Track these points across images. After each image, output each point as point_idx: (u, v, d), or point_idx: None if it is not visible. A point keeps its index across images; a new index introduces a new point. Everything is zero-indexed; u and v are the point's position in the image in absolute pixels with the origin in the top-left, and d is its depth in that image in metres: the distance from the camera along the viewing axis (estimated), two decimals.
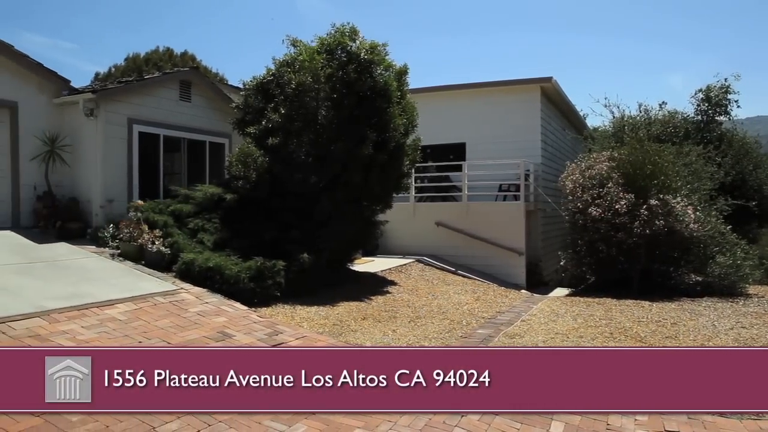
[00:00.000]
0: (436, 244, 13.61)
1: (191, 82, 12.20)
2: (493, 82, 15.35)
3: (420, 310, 8.64)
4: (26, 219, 10.01)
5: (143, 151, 11.06)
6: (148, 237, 8.71)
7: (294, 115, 9.16)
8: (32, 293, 6.48)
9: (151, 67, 24.88)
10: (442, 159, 15.16)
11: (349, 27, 9.80)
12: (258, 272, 7.93)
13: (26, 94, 10.13)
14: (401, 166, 10.31)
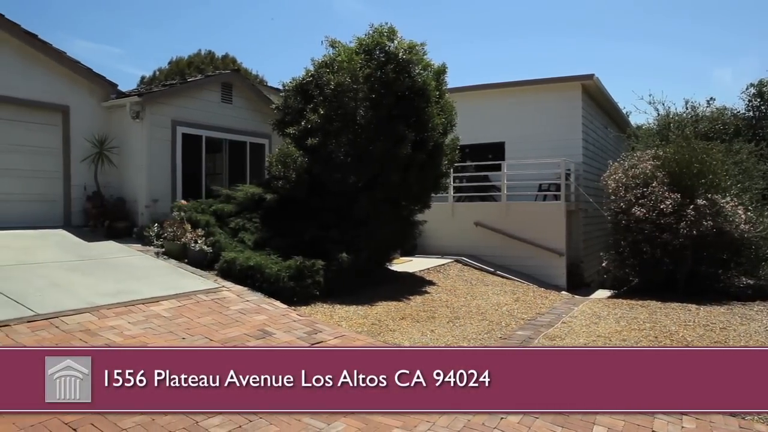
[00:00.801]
0: (475, 244, 13.50)
1: (232, 84, 12.44)
2: (533, 81, 15.13)
3: (458, 311, 8.59)
4: (77, 218, 10.40)
5: (186, 152, 11.34)
6: (191, 236, 8.92)
7: (333, 115, 9.24)
8: (83, 290, 6.73)
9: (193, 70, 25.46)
10: (480, 158, 15.02)
11: (387, 27, 9.82)
12: (297, 271, 8.03)
13: (77, 98, 10.52)
14: (440, 165, 10.27)
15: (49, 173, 10.20)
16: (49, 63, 10.08)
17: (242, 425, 3.99)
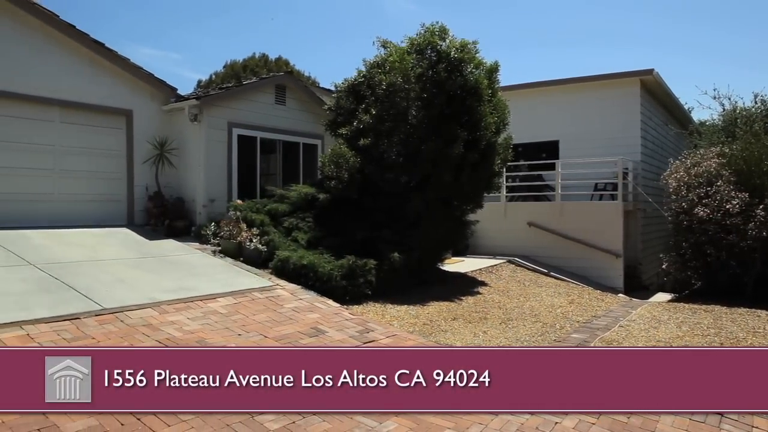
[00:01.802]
0: (528, 244, 13.26)
1: (286, 86, 12.66)
2: (589, 77, 14.73)
3: (511, 312, 8.46)
4: (139, 217, 10.83)
5: (241, 153, 11.63)
6: (246, 235, 9.14)
7: (385, 115, 9.27)
8: (145, 286, 7.00)
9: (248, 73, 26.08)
10: (534, 157, 14.75)
11: (439, 26, 9.78)
12: (350, 270, 8.10)
13: (140, 102, 10.96)
14: (492, 165, 10.14)
15: (114, 174, 10.68)
16: (115, 69, 10.54)
17: (296, 421, 4.04)
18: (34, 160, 9.64)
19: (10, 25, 9.26)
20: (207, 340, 5.51)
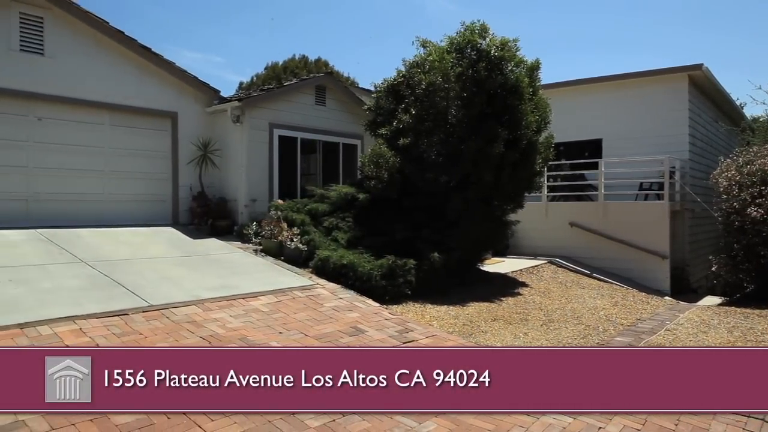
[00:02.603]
0: (570, 245, 13.02)
1: (326, 87, 12.77)
2: (634, 73, 14.34)
3: (553, 314, 8.31)
4: (184, 216, 11.11)
5: (282, 154, 11.79)
6: (287, 234, 9.26)
7: (424, 115, 9.24)
8: (189, 283, 7.17)
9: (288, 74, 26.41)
10: (576, 156, 14.47)
11: (479, 24, 9.69)
12: (389, 270, 8.11)
13: (184, 105, 11.24)
14: (533, 164, 10.00)
15: (160, 175, 10.98)
16: (161, 73, 10.84)
17: (336, 419, 4.07)
18: (86, 162, 10.01)
19: (67, 34, 9.65)
20: (249, 338, 5.60)
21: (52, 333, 5.14)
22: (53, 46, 9.50)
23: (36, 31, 9.31)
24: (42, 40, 9.38)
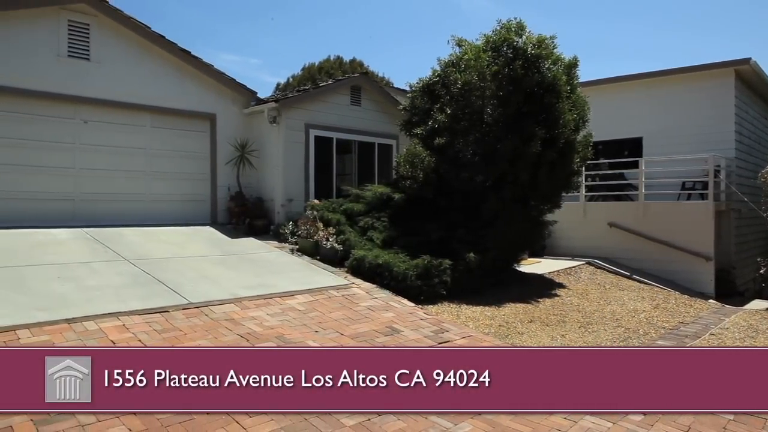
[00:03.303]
0: (608, 246, 12.75)
1: (361, 87, 12.83)
2: (677, 69, 13.93)
3: (591, 316, 8.16)
4: (222, 216, 11.32)
5: (318, 154, 11.90)
6: (323, 234, 9.34)
7: (460, 114, 9.19)
8: (227, 282, 7.30)
9: (323, 75, 26.64)
10: (615, 155, 14.15)
11: (516, 22, 9.59)
12: (425, 270, 8.09)
13: (222, 106, 11.46)
14: (571, 163, 9.83)
15: (199, 175, 11.22)
16: (200, 76, 11.08)
17: (371, 418, 4.08)
18: (129, 163, 10.31)
19: (112, 39, 9.96)
20: (285, 336, 5.67)
21: (98, 328, 5.31)
22: (98, 51, 9.81)
23: (83, 37, 9.63)
24: (88, 46, 9.70)
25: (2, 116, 9.00)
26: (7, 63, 8.92)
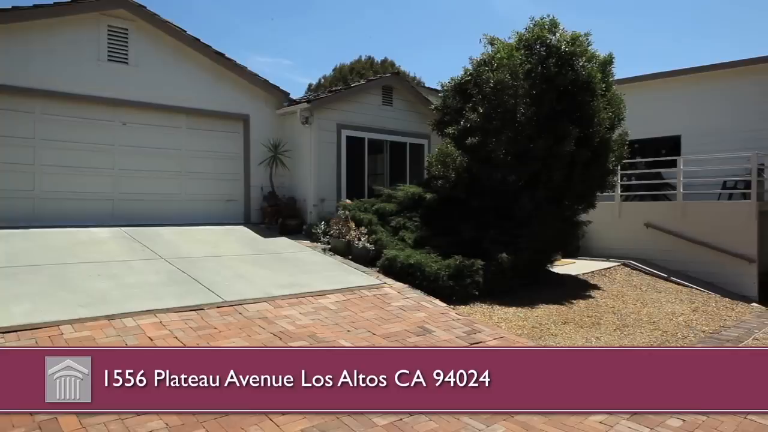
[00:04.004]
0: (645, 247, 12.47)
1: (392, 88, 12.85)
2: (717, 65, 13.53)
3: (627, 318, 8.00)
4: (255, 216, 11.48)
5: (350, 154, 11.96)
6: (355, 234, 9.38)
7: (492, 113, 9.11)
8: (260, 280, 7.40)
9: (354, 75, 26.75)
10: (652, 154, 13.83)
11: (549, 19, 9.47)
12: (457, 270, 8.05)
13: (255, 107, 11.62)
14: (606, 162, 9.66)
15: (232, 176, 11.40)
16: (233, 77, 11.26)
17: (403, 418, 4.09)
18: (165, 164, 10.55)
19: (149, 43, 10.21)
20: (318, 335, 5.71)
21: (136, 325, 5.44)
22: (136, 55, 10.06)
23: (122, 42, 9.90)
24: (127, 50, 9.96)
25: (48, 119, 9.33)
26: (53, 69, 9.24)
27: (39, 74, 9.11)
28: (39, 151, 9.25)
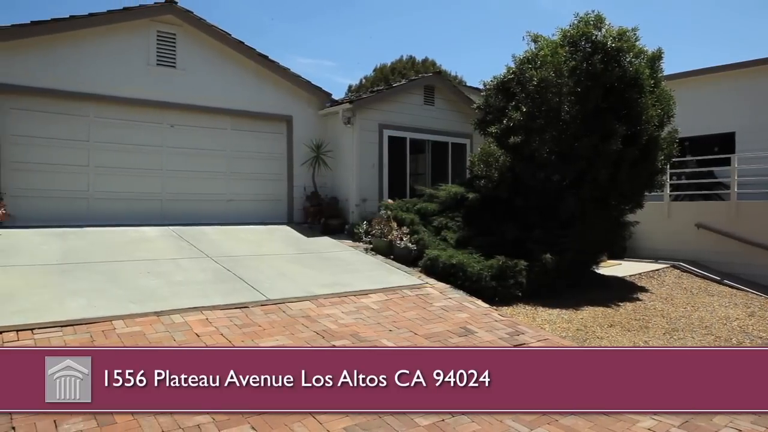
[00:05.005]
0: (696, 248, 12.04)
1: (434, 87, 12.81)
2: None
3: (677, 322, 7.74)
4: (298, 215, 11.63)
5: (392, 154, 11.99)
6: (397, 233, 9.39)
7: (535, 112, 8.97)
8: (303, 279, 7.50)
9: (396, 75, 26.77)
10: (703, 152, 13.34)
11: (594, 15, 9.27)
12: (500, 271, 7.97)
13: (298, 108, 11.78)
14: (654, 161, 9.38)
15: (276, 176, 11.60)
16: (276, 79, 11.45)
17: (445, 419, 4.07)
18: (210, 164, 10.82)
19: (195, 47, 10.49)
20: (360, 335, 5.75)
21: (183, 321, 5.60)
22: (184, 58, 10.35)
23: (170, 46, 10.20)
24: (174, 54, 10.25)
25: (101, 122, 9.70)
26: (105, 74, 9.61)
27: (92, 79, 9.48)
28: (93, 153, 9.63)
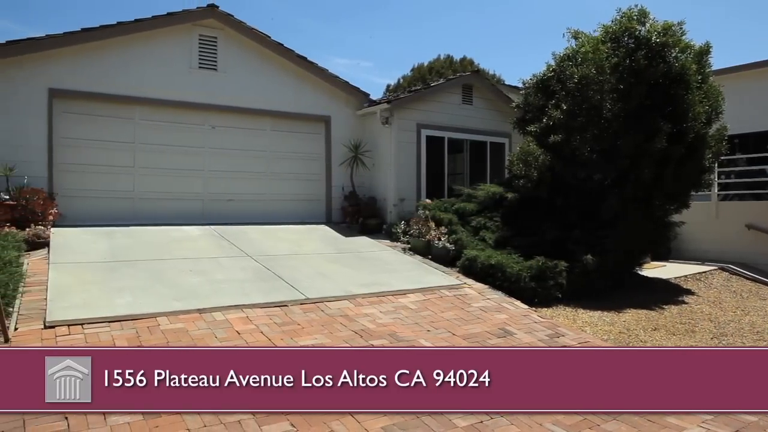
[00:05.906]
0: (745, 250, 11.60)
1: (472, 86, 12.71)
2: None
3: (725, 327, 7.48)
4: (336, 215, 11.72)
5: (429, 153, 11.95)
6: (435, 233, 9.36)
7: (576, 110, 8.81)
8: (341, 279, 7.55)
9: (433, 75, 26.64)
10: (754, 149, 12.83)
11: (637, 9, 9.05)
12: (539, 272, 7.86)
13: (336, 109, 11.87)
14: (701, 159, 9.08)
15: (314, 176, 11.71)
16: (315, 80, 11.56)
17: (484, 421, 4.04)
18: (251, 165, 11.01)
19: (236, 50, 10.70)
20: (398, 334, 5.75)
21: (224, 319, 5.71)
22: (224, 61, 10.56)
23: (211, 49, 10.42)
24: (216, 57, 10.47)
25: (145, 124, 9.98)
26: (151, 77, 9.89)
27: (138, 83, 9.76)
28: (138, 155, 9.92)
